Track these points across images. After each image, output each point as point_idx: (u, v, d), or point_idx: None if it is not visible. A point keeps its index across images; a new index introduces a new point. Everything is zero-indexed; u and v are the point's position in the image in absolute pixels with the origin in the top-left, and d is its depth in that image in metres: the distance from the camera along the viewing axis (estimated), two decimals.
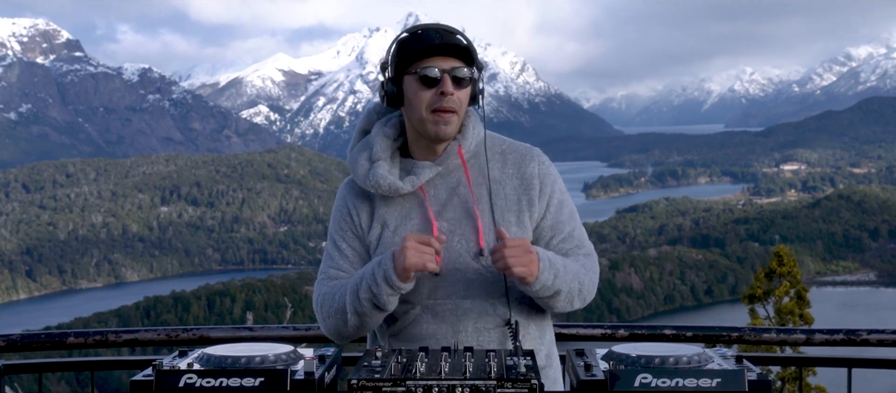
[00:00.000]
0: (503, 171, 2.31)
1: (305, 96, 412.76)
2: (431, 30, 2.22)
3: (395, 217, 2.28)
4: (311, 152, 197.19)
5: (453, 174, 2.30)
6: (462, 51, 2.21)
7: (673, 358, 1.75)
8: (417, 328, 2.25)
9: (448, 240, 2.23)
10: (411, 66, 2.21)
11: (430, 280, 2.23)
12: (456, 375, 1.72)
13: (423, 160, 2.29)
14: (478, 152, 2.32)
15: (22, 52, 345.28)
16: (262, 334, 3.08)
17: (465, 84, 2.23)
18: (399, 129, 2.34)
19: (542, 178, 2.31)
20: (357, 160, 2.31)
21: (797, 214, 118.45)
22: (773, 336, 3.29)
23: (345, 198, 2.37)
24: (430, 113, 2.21)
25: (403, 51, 2.22)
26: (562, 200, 2.34)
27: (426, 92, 2.20)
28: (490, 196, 2.28)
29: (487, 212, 2.26)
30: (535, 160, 2.33)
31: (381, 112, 2.39)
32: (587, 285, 2.27)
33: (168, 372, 1.69)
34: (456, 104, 2.21)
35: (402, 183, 2.24)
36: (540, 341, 2.33)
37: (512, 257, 2.10)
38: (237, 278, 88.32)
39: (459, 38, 2.22)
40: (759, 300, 15.80)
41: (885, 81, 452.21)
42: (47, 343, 3.08)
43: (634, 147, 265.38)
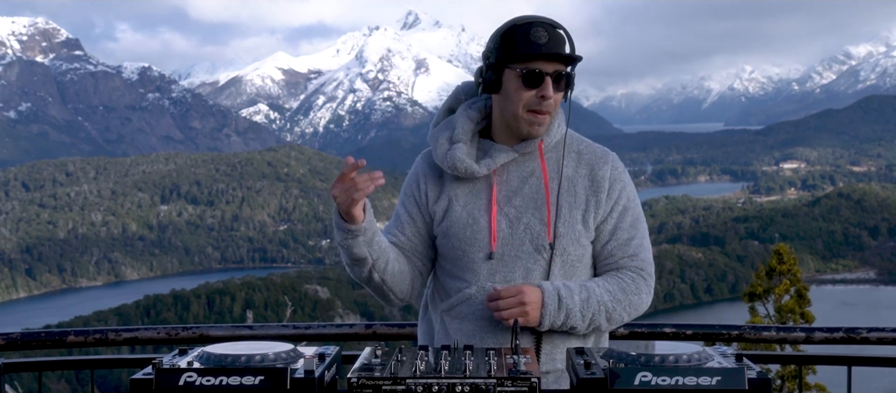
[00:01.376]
0: (577, 170, 2.35)
1: (305, 95, 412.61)
2: (541, 28, 2.22)
3: (465, 194, 2.34)
4: (310, 151, 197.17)
5: (528, 164, 2.34)
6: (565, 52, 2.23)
7: (673, 356, 1.75)
8: (470, 308, 2.31)
9: (514, 227, 2.30)
10: (515, 61, 2.23)
11: (489, 263, 2.29)
12: (456, 374, 1.72)
13: (501, 143, 2.35)
14: (556, 147, 2.36)
15: (21, 51, 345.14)
16: (261, 333, 3.07)
17: (562, 86, 2.26)
18: (483, 113, 2.39)
19: (612, 181, 2.34)
20: (437, 139, 2.37)
21: (797, 213, 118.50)
22: (772, 334, 3.29)
23: (418, 167, 2.45)
24: (526, 112, 2.26)
25: (509, 42, 2.23)
26: (627, 207, 2.35)
27: (527, 91, 2.24)
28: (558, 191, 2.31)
29: (555, 207, 2.30)
30: (610, 164, 2.36)
31: (469, 93, 2.44)
32: (620, 310, 2.28)
33: (168, 370, 1.69)
34: (552, 107, 2.27)
35: (478, 166, 2.30)
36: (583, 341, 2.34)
37: (505, 310, 2.18)
38: (237, 277, 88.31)
39: (566, 42, 2.24)
40: (759, 298, 15.79)
41: (885, 80, 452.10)
42: (47, 342, 3.08)
43: (634, 145, 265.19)
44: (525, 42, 2.22)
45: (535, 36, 2.21)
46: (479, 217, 2.31)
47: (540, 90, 2.23)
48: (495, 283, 2.28)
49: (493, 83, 2.28)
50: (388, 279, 2.34)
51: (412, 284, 2.42)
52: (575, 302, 2.22)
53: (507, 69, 2.25)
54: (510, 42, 2.23)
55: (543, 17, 2.27)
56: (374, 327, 3.08)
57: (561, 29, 2.25)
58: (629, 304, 2.29)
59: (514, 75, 2.24)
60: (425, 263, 2.45)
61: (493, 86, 2.28)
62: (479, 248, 2.30)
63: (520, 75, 2.23)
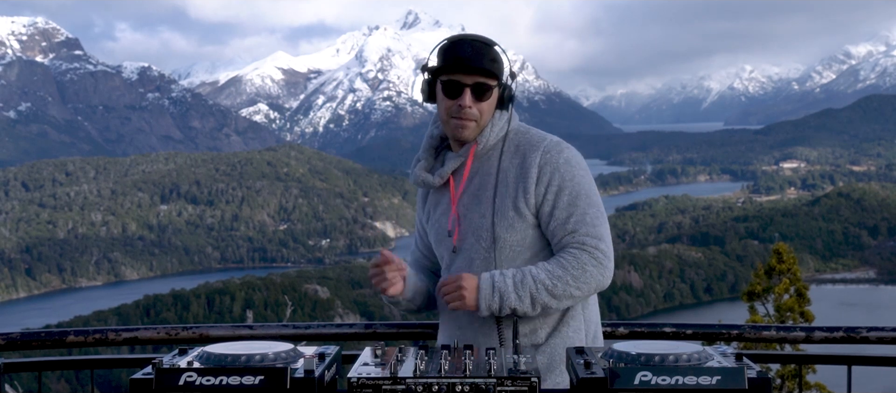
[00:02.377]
0: (511, 162, 2.52)
1: (305, 95, 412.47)
2: (465, 43, 2.45)
3: (435, 204, 2.65)
4: (310, 151, 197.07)
5: (474, 165, 2.56)
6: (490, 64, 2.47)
7: (673, 356, 1.76)
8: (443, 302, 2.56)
9: (463, 224, 2.54)
10: (441, 73, 2.48)
11: (445, 260, 2.60)
12: (456, 373, 1.74)
13: (453, 151, 2.61)
14: (496, 147, 2.55)
15: (21, 51, 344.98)
16: (261, 333, 3.07)
17: (487, 96, 2.48)
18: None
19: (541, 166, 2.47)
20: (415, 160, 2.67)
21: (797, 212, 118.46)
22: (772, 334, 3.29)
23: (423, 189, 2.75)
24: (449, 117, 2.50)
25: (439, 56, 2.49)
26: (562, 186, 2.46)
27: (448, 101, 2.48)
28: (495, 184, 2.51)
29: (490, 200, 2.50)
30: (540, 150, 2.49)
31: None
32: (561, 288, 2.39)
33: (168, 370, 1.69)
34: (473, 114, 2.48)
35: (433, 177, 2.59)
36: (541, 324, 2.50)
37: (447, 296, 2.44)
38: (237, 277, 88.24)
39: (487, 57, 2.45)
40: (758, 298, 15.79)
41: (885, 79, 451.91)
42: (47, 341, 3.08)
43: (634, 145, 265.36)
44: (450, 56, 2.45)
45: (460, 50, 2.43)
46: (443, 220, 2.59)
47: (458, 100, 2.46)
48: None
49: (428, 93, 2.53)
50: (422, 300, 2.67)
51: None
52: (508, 284, 2.38)
53: (439, 80, 2.49)
54: (440, 57, 2.48)
55: (478, 35, 2.48)
56: (373, 327, 3.08)
57: (491, 46, 2.47)
58: (573, 278, 2.39)
59: (441, 86, 2.49)
60: (438, 267, 2.75)
61: (430, 96, 2.54)
62: (446, 247, 2.58)
63: (443, 86, 2.48)
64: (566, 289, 2.39)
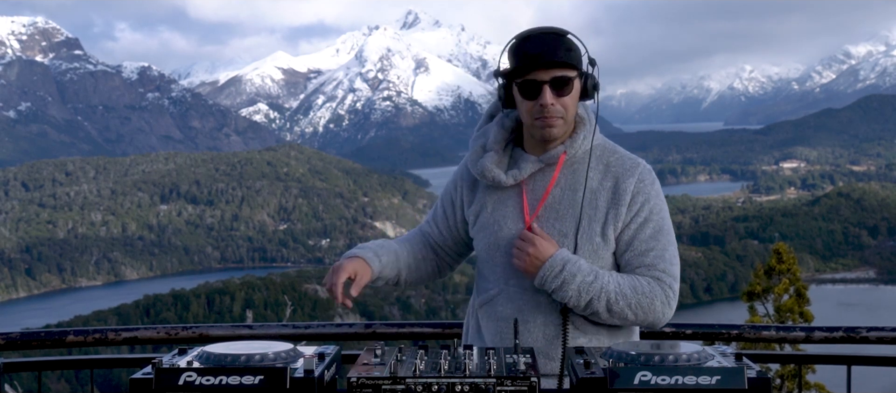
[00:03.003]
0: (602, 183, 2.37)
1: (305, 94, 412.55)
2: (534, 38, 2.29)
3: (494, 201, 2.44)
4: (310, 150, 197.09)
5: (553, 172, 2.39)
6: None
7: (672, 356, 1.76)
8: (493, 309, 2.42)
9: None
10: (515, 75, 2.32)
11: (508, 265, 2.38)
12: (455, 373, 1.73)
13: (531, 153, 2.41)
14: (584, 158, 2.39)
15: (21, 51, 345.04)
16: (261, 332, 3.07)
17: (568, 88, 2.30)
18: (518, 121, 2.47)
19: (635, 194, 2.35)
20: (473, 147, 2.48)
21: (796, 212, 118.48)
22: (772, 334, 3.29)
23: (460, 170, 2.56)
24: (533, 120, 2.32)
25: (509, 58, 2.34)
26: (648, 219, 2.35)
27: (528, 102, 2.30)
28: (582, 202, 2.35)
29: (575, 219, 2.35)
30: (635, 176, 2.36)
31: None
32: (621, 306, 2.29)
33: (168, 370, 1.69)
34: (559, 112, 2.31)
35: (505, 177, 2.38)
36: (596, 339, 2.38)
37: (516, 249, 2.32)
38: (237, 276, 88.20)
39: (560, 47, 2.29)
40: (758, 297, 15.79)
41: (885, 79, 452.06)
42: (47, 341, 3.08)
43: (634, 145, 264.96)
44: (520, 55, 2.29)
45: (529, 46, 2.27)
46: (504, 224, 2.39)
47: (538, 99, 2.28)
48: (511, 286, 2.39)
49: (505, 99, 2.38)
50: (410, 278, 2.55)
51: (431, 274, 2.60)
52: (576, 278, 2.26)
53: (514, 84, 2.33)
54: (510, 57, 2.33)
55: (544, 27, 2.32)
56: (373, 327, 3.08)
57: (558, 35, 2.29)
58: (637, 303, 2.29)
59: (518, 89, 2.32)
60: (451, 257, 2.62)
61: (506, 101, 2.38)
62: (503, 254, 2.38)
63: (520, 88, 2.31)
64: (624, 310, 2.29)
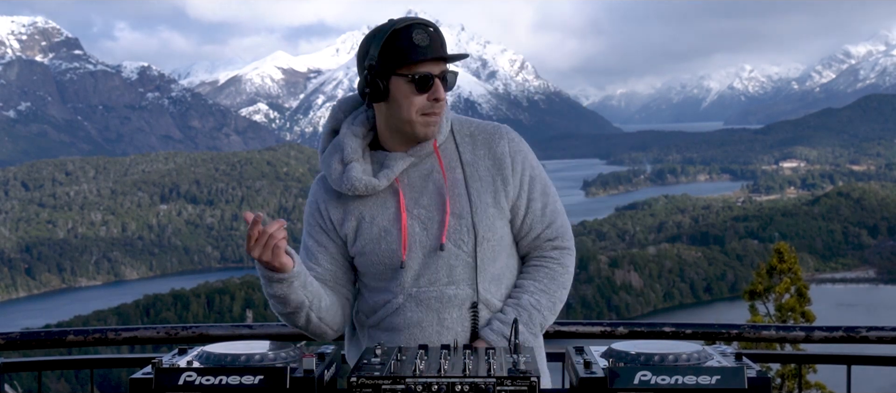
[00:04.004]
0: (475, 153, 2.30)
1: (305, 94, 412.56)
2: (421, 29, 2.17)
3: (371, 208, 2.28)
4: (310, 150, 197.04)
5: (426, 162, 2.29)
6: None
7: (672, 355, 1.75)
8: (400, 317, 2.25)
9: (429, 228, 2.25)
10: (401, 68, 2.17)
11: (412, 268, 2.24)
12: (455, 373, 1.72)
13: (394, 150, 2.29)
14: (448, 139, 2.32)
15: (21, 50, 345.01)
16: (261, 332, 3.07)
17: (451, 84, 2.23)
18: (368, 126, 2.32)
19: (512, 155, 2.30)
20: (330, 164, 2.29)
21: (796, 212, 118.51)
22: (772, 333, 3.29)
23: (315, 195, 2.37)
24: (419, 116, 2.20)
25: (393, 48, 2.17)
26: (533, 176, 2.32)
27: (419, 96, 2.18)
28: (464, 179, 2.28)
29: (465, 196, 2.26)
30: (505, 138, 2.32)
31: (346, 110, 2.37)
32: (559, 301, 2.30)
33: (168, 370, 1.68)
34: (444, 107, 2.24)
35: (377, 179, 2.24)
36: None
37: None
38: (237, 276, 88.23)
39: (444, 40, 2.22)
40: (759, 297, 15.81)
41: (885, 79, 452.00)
42: (47, 341, 3.08)
43: (633, 145, 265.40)
44: (410, 46, 2.16)
45: (418, 38, 2.16)
46: (390, 228, 2.25)
47: (432, 93, 2.18)
48: (421, 288, 2.24)
49: (380, 93, 2.20)
50: (325, 316, 2.30)
51: (343, 313, 2.37)
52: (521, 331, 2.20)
53: (394, 76, 2.19)
54: (394, 48, 2.16)
55: (417, 18, 2.22)
56: None
57: (435, 28, 2.21)
58: (562, 286, 2.31)
59: (404, 82, 2.18)
60: (349, 288, 2.39)
61: (381, 95, 2.21)
62: (397, 258, 2.23)
63: (411, 81, 2.17)
64: (561, 298, 2.31)
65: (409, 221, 2.24)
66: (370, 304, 2.32)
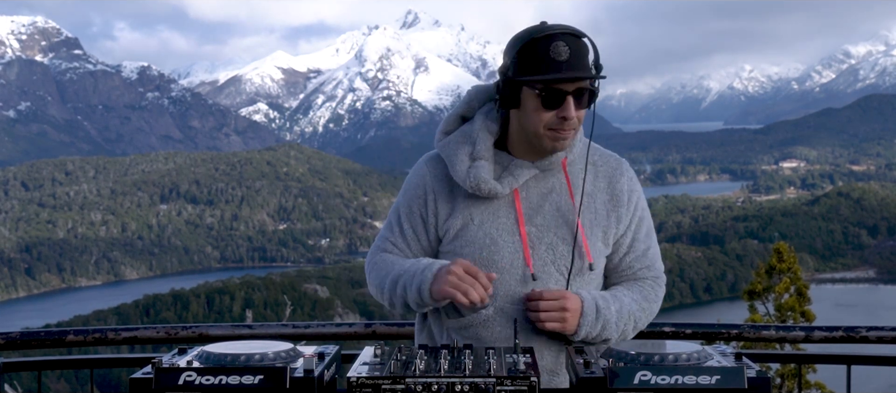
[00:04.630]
0: (595, 184, 2.22)
1: (304, 94, 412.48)
2: (562, 41, 2.02)
3: (482, 212, 2.17)
4: (310, 150, 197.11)
5: (548, 179, 2.20)
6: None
7: (672, 355, 1.75)
8: (487, 331, 2.17)
9: (535, 247, 2.16)
10: (533, 79, 2.04)
11: (507, 283, 2.15)
12: (455, 373, 1.72)
13: (520, 158, 2.19)
14: (577, 161, 2.23)
15: (21, 50, 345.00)
16: (261, 332, 3.06)
17: (587, 101, 2.11)
18: (501, 124, 2.21)
19: (629, 194, 2.24)
20: (456, 153, 2.17)
21: (796, 212, 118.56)
22: (772, 333, 3.29)
23: (424, 178, 2.24)
24: (547, 131, 2.10)
25: (527, 57, 2.04)
26: (642, 217, 2.27)
27: (546, 112, 2.07)
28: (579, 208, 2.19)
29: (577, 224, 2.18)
30: (625, 174, 2.26)
31: (483, 99, 2.25)
32: (644, 320, 2.25)
33: (167, 370, 1.68)
34: (575, 124, 2.11)
35: (500, 185, 2.14)
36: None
37: (545, 313, 2.08)
38: (236, 276, 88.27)
39: (588, 54, 2.07)
40: (759, 297, 15.79)
41: (884, 79, 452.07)
42: (47, 341, 3.08)
43: (633, 145, 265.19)
44: (544, 58, 2.02)
45: (556, 52, 2.01)
46: (497, 238, 2.15)
47: (560, 111, 2.06)
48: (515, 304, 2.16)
49: (511, 100, 2.10)
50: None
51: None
52: (611, 313, 2.15)
53: (526, 87, 2.07)
54: (528, 57, 2.04)
55: (564, 26, 2.05)
56: (373, 327, 3.08)
57: (583, 39, 2.06)
58: (651, 312, 2.27)
59: (533, 95, 2.06)
60: None
61: (512, 102, 2.10)
62: (498, 269, 2.13)
63: (538, 95, 2.05)
64: (644, 322, 2.25)
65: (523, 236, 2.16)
66: (454, 305, 2.15)
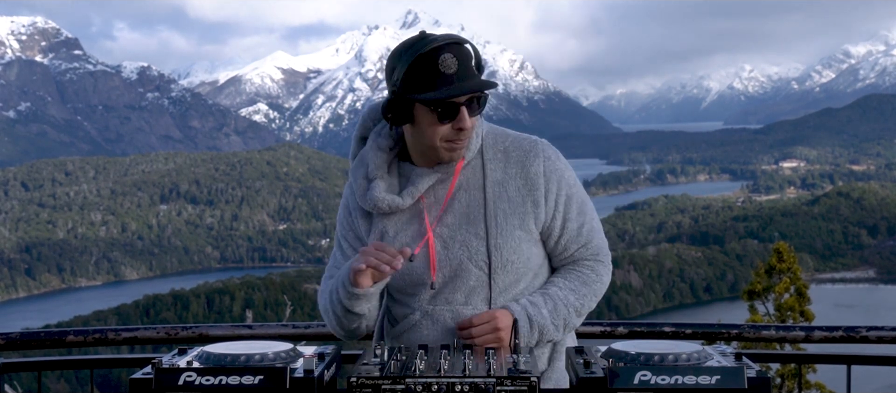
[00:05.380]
0: (506, 172, 2.19)
1: (304, 94, 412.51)
2: (448, 53, 2.01)
3: (395, 224, 2.20)
4: (310, 150, 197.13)
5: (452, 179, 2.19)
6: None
7: (672, 355, 1.75)
8: (416, 334, 2.20)
9: (449, 247, 2.16)
10: (425, 97, 2.02)
11: (429, 287, 2.18)
12: (455, 373, 1.72)
13: (421, 166, 2.19)
14: (478, 154, 2.21)
15: (21, 50, 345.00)
16: (261, 332, 3.06)
17: (480, 108, 2.09)
18: (395, 138, 2.22)
19: (547, 175, 2.19)
20: (355, 179, 2.23)
21: (796, 212, 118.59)
22: (772, 333, 3.29)
23: (347, 201, 2.32)
24: (444, 142, 2.09)
25: (415, 73, 2.02)
26: (570, 194, 2.22)
27: (442, 126, 2.06)
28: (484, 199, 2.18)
29: (489, 217, 2.16)
30: (540, 156, 2.20)
31: (375, 117, 2.26)
32: (587, 305, 2.23)
33: (167, 370, 1.68)
34: (470, 133, 2.11)
35: (401, 197, 2.16)
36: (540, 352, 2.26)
37: (478, 338, 2.09)
38: (236, 276, 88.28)
39: (474, 64, 2.06)
40: (758, 296, 15.80)
41: (884, 79, 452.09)
42: (47, 341, 3.08)
43: (633, 145, 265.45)
44: (434, 73, 2.00)
45: (444, 65, 2.00)
46: (412, 245, 2.16)
47: (456, 123, 2.05)
48: (436, 306, 2.18)
49: (403, 116, 2.08)
50: (371, 324, 2.28)
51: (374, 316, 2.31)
52: (545, 316, 2.15)
53: (418, 103, 2.04)
54: (416, 74, 2.01)
55: (448, 36, 2.03)
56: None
57: (466, 46, 2.05)
58: (593, 293, 2.23)
59: (427, 111, 2.04)
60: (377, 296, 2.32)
61: (404, 118, 2.09)
62: (417, 276, 2.17)
63: (433, 111, 2.04)
64: (589, 305, 2.23)
65: (435, 240, 2.17)
66: (393, 314, 2.29)
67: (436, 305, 2.18)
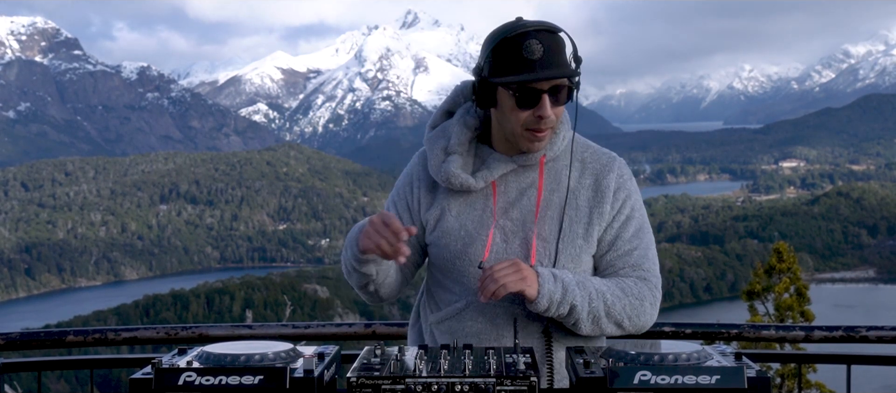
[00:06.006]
0: (580, 181, 2.17)
1: (304, 94, 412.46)
2: (535, 39, 2.00)
3: (459, 203, 2.18)
4: (309, 150, 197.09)
5: (528, 174, 2.17)
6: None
7: (672, 355, 1.75)
8: (460, 324, 2.17)
9: (509, 241, 2.14)
10: (506, 80, 2.01)
11: (478, 276, 2.12)
12: (455, 373, 1.72)
13: (502, 152, 2.17)
14: (560, 156, 2.19)
15: (20, 51, 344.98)
16: (261, 332, 3.06)
17: (564, 98, 2.06)
18: (481, 119, 2.21)
19: (616, 190, 2.17)
20: (432, 148, 2.21)
21: (796, 212, 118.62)
22: (772, 333, 3.28)
23: (412, 170, 2.28)
24: (524, 130, 2.07)
25: (500, 57, 2.02)
26: (631, 216, 2.18)
27: (522, 112, 2.04)
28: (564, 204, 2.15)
29: (556, 221, 2.13)
30: (615, 171, 2.19)
31: (468, 94, 2.25)
32: (619, 309, 2.11)
33: (167, 370, 1.68)
34: (552, 123, 2.07)
35: (475, 179, 2.14)
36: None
37: (501, 275, 2.00)
38: (236, 276, 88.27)
39: (563, 51, 2.04)
40: (758, 296, 15.79)
41: (884, 78, 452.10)
42: (47, 341, 3.08)
43: (633, 144, 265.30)
44: (517, 58, 2.00)
45: (529, 50, 1.99)
46: (472, 230, 2.15)
47: (536, 110, 2.03)
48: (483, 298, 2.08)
49: (487, 99, 2.08)
50: (382, 289, 2.26)
51: (399, 287, 2.31)
52: (569, 278, 2.06)
53: (501, 87, 2.04)
54: (501, 57, 2.02)
55: (539, 22, 2.02)
56: (373, 327, 3.07)
57: (559, 33, 2.03)
58: (630, 305, 2.12)
59: (508, 95, 2.03)
60: (412, 268, 2.33)
61: (487, 102, 2.08)
62: (471, 261, 2.14)
63: (513, 95, 2.03)
64: (620, 313, 2.11)
65: (494, 229, 2.14)
66: (436, 299, 2.25)
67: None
